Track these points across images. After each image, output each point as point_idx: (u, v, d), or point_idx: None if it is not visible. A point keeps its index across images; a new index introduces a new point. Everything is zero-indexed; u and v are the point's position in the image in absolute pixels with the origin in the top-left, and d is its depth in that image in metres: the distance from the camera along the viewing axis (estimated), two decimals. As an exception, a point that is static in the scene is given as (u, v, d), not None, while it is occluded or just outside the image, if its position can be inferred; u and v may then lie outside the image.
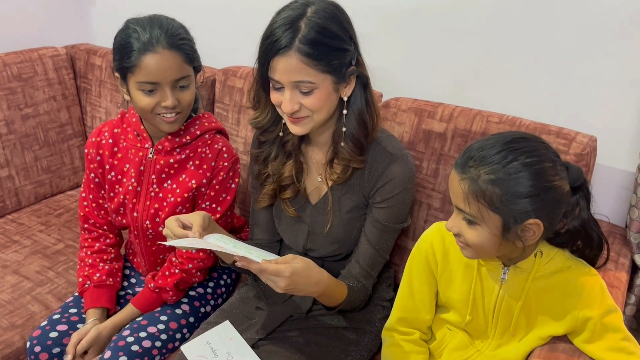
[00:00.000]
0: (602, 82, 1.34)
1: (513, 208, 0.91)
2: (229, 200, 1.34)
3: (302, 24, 1.04)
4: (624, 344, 0.98)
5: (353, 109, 1.14)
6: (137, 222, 1.34)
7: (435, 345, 1.17)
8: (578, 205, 0.97)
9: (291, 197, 1.25)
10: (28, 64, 1.86)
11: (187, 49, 1.21)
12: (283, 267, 1.00)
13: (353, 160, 1.16)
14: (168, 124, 1.23)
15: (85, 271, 1.37)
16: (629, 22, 1.26)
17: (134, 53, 1.16)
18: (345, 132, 1.15)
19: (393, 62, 1.60)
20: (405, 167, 1.18)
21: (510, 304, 1.05)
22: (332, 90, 1.09)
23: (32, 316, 1.41)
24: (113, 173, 1.35)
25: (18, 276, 1.54)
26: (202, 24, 1.29)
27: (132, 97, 1.22)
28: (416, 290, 1.16)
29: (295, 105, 1.09)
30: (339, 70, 1.08)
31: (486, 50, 1.45)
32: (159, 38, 1.16)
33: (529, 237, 0.94)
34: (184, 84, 1.22)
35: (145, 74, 1.17)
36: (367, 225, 1.22)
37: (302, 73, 1.05)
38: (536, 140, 0.95)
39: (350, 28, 1.11)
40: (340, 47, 1.07)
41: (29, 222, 1.80)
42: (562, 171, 0.93)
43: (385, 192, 1.18)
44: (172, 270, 1.34)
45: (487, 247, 0.96)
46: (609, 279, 1.16)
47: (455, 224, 0.97)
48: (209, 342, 1.21)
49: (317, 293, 1.10)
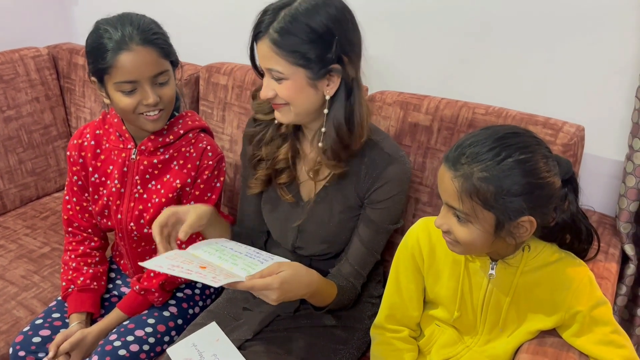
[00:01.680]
0: (588, 71, 1.32)
1: (507, 206, 0.89)
2: (214, 199, 1.32)
3: (283, 12, 1.02)
4: (613, 337, 0.97)
5: (334, 112, 1.11)
6: (122, 224, 1.32)
7: (424, 342, 1.16)
8: (567, 199, 0.95)
9: (286, 182, 1.22)
10: (9, 65, 1.83)
11: (161, 43, 1.19)
12: (270, 280, 0.98)
13: (333, 166, 1.14)
14: (152, 122, 1.21)
15: (69, 275, 1.35)
16: (613, 9, 1.24)
17: (108, 53, 1.13)
18: (325, 134, 1.12)
19: (377, 55, 1.57)
20: (402, 168, 1.17)
21: (498, 299, 1.03)
22: (307, 84, 1.06)
23: (17, 322, 1.39)
24: (96, 175, 1.33)
25: (3, 281, 1.52)
26: (184, 20, 1.27)
27: (112, 99, 1.20)
28: (403, 287, 1.14)
29: (270, 92, 1.08)
30: (313, 64, 1.04)
31: (471, 42, 1.43)
32: (132, 35, 1.14)
33: (521, 234, 0.93)
34: (163, 80, 1.19)
35: (123, 74, 1.14)
36: (361, 225, 1.21)
37: (272, 61, 1.04)
38: (528, 135, 0.93)
39: (338, 27, 1.04)
40: (317, 42, 1.03)
41: (14, 225, 1.78)
42: (554, 166, 0.91)
43: (382, 193, 1.16)
44: (157, 271, 1.31)
45: (479, 244, 0.94)
46: (599, 270, 1.15)
47: (445, 221, 0.95)
48: (195, 344, 1.19)
49: (310, 294, 1.09)
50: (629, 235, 1.27)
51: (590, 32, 1.28)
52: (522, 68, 1.39)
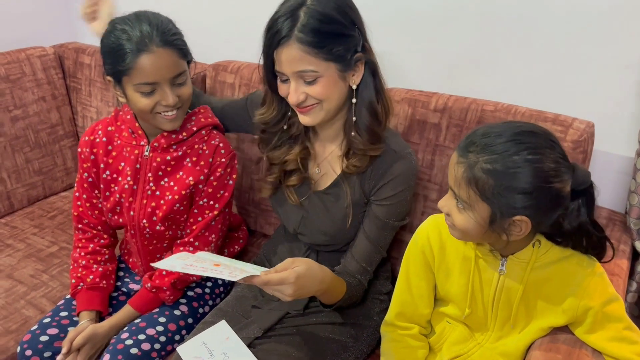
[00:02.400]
0: (598, 67, 1.31)
1: (503, 201, 0.89)
2: (227, 196, 1.32)
3: (302, 12, 1.03)
4: (626, 334, 0.97)
5: (363, 97, 1.13)
6: (134, 222, 1.32)
7: (435, 339, 1.16)
8: (578, 210, 0.94)
9: (296, 184, 1.24)
10: (16, 65, 1.83)
11: (180, 44, 1.19)
12: (286, 274, 0.98)
13: (369, 150, 1.15)
14: (170, 121, 1.21)
15: (79, 272, 1.35)
16: (623, 5, 1.23)
17: (128, 55, 1.13)
18: (356, 122, 1.14)
19: (385, 52, 1.57)
20: (409, 165, 1.17)
21: (509, 295, 1.03)
22: (338, 78, 1.08)
23: (26, 321, 1.39)
24: (108, 172, 1.33)
25: (12, 280, 1.52)
26: (190, 18, 1.27)
27: (129, 99, 1.19)
28: (414, 284, 1.14)
29: (301, 95, 1.08)
30: (343, 57, 1.06)
31: (480, 38, 1.43)
32: (151, 36, 1.13)
33: (514, 233, 0.93)
34: (181, 81, 1.19)
35: (143, 76, 1.14)
36: (366, 222, 1.21)
37: (304, 62, 1.04)
38: (546, 137, 0.91)
39: (353, 13, 1.09)
40: (342, 33, 1.06)
41: (22, 225, 1.78)
42: (565, 173, 0.90)
43: (388, 190, 1.17)
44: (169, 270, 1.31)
45: (473, 233, 0.95)
46: (610, 267, 1.14)
47: (447, 204, 0.97)
48: (205, 342, 1.19)
49: (323, 290, 1.09)
50: (639, 232, 1.26)
51: (599, 28, 1.27)
52: (531, 64, 1.38)
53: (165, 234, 1.33)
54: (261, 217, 1.67)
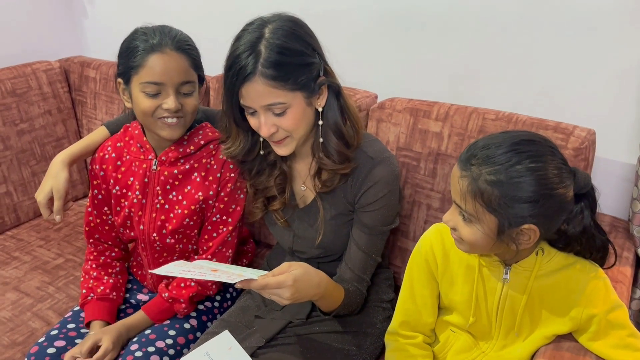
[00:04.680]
0: (598, 75, 1.33)
1: (510, 212, 0.89)
2: (239, 211, 1.33)
3: (262, 47, 1.03)
4: (630, 341, 0.97)
5: (328, 119, 1.14)
6: (144, 235, 1.33)
7: (439, 348, 1.16)
8: (582, 213, 0.95)
9: (279, 208, 1.26)
10: (22, 79, 1.86)
11: (194, 54, 1.21)
12: (284, 278, 0.99)
13: (338, 169, 1.16)
14: (169, 128, 1.21)
15: (90, 283, 1.36)
16: (621, 15, 1.25)
17: (140, 53, 1.15)
18: (323, 144, 1.14)
19: (387, 63, 1.59)
20: (388, 169, 1.17)
21: (513, 304, 1.04)
22: (306, 105, 1.09)
23: (33, 333, 1.40)
24: (118, 187, 1.34)
25: (18, 293, 1.53)
26: (195, 33, 1.29)
27: (133, 101, 1.20)
28: (417, 293, 1.15)
29: (272, 127, 1.09)
30: (307, 85, 1.07)
31: (480, 47, 1.45)
32: (167, 41, 1.16)
33: (523, 241, 0.93)
34: (188, 91, 1.20)
35: (151, 74, 1.15)
36: (355, 231, 1.22)
37: (271, 96, 1.05)
38: (545, 144, 0.92)
39: (312, 40, 1.09)
40: (305, 63, 1.06)
41: (28, 237, 1.80)
42: (567, 179, 0.91)
43: (370, 196, 1.17)
44: (188, 283, 1.33)
45: (481, 245, 0.96)
46: (613, 274, 1.14)
47: (452, 218, 0.97)
48: (208, 352, 1.19)
49: (319, 295, 1.09)
50: (642, 239, 1.26)
51: (599, 36, 1.29)
52: (531, 73, 1.40)
53: (175, 247, 1.34)
54: (264, 228, 1.68)
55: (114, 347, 1.25)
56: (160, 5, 1.98)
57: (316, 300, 1.12)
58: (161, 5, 1.98)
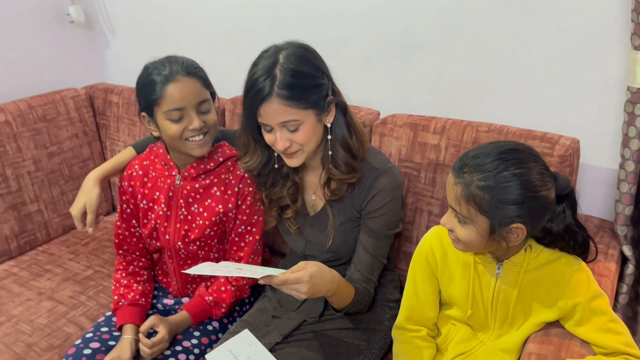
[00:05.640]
0: (581, 89, 1.43)
1: (500, 213, 1.00)
2: (261, 221, 1.46)
3: (277, 71, 1.16)
4: (610, 325, 1.07)
5: (336, 134, 1.27)
6: (170, 244, 1.45)
7: (442, 340, 1.26)
8: (564, 212, 1.07)
9: (292, 216, 1.38)
10: (51, 106, 2.01)
11: (203, 75, 1.34)
12: (301, 274, 1.11)
13: (346, 179, 1.28)
14: (198, 147, 1.34)
15: (120, 291, 1.48)
16: (602, 35, 1.36)
17: (158, 85, 1.28)
18: (332, 156, 1.27)
19: (388, 82, 1.71)
20: (390, 178, 1.29)
21: (506, 296, 1.14)
22: (316, 121, 1.22)
23: (68, 337, 1.52)
24: (145, 201, 1.47)
25: (53, 301, 1.65)
26: (209, 59, 1.42)
27: (161, 129, 1.33)
28: (420, 290, 1.26)
29: (286, 142, 1.21)
30: (318, 103, 1.20)
31: (472, 65, 1.56)
32: (178, 69, 1.29)
33: (512, 239, 1.04)
34: (205, 109, 1.33)
35: (171, 102, 1.28)
36: (362, 235, 1.33)
37: (286, 114, 1.18)
38: (528, 152, 1.04)
39: (321, 64, 1.23)
40: (315, 84, 1.20)
41: (58, 252, 1.92)
42: (549, 182, 1.03)
43: (376, 203, 1.29)
44: (228, 287, 1.45)
45: (475, 243, 1.06)
46: (600, 269, 1.25)
47: (449, 221, 1.08)
48: (231, 349, 1.30)
49: (333, 290, 1.20)
50: (626, 237, 1.37)
51: (583, 54, 1.40)
52: (520, 88, 1.51)
53: (198, 253, 1.47)
54: (278, 237, 1.79)
55: (168, 338, 1.36)
56: (175, 36, 2.12)
57: (330, 296, 1.23)
58: (176, 36, 2.12)
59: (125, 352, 1.35)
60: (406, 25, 1.62)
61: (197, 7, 2.03)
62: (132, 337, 1.39)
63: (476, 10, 1.50)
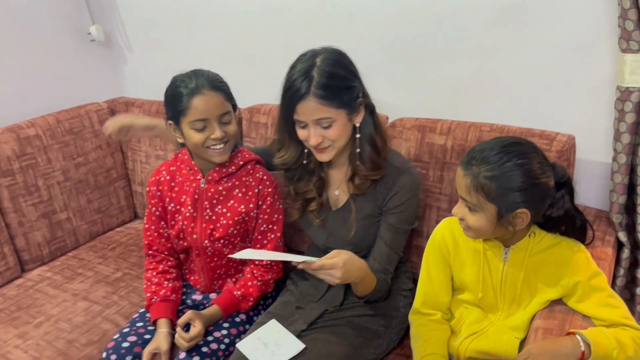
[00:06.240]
0: (576, 89, 1.54)
1: (506, 199, 1.12)
2: (281, 219, 1.58)
3: (315, 73, 1.28)
4: (609, 300, 1.17)
5: (364, 133, 1.38)
6: (197, 243, 1.56)
7: (455, 322, 1.36)
8: (563, 198, 1.18)
9: (316, 209, 1.49)
10: (77, 119, 2.13)
11: (226, 89, 1.46)
12: (336, 260, 1.23)
13: (370, 175, 1.40)
14: (219, 154, 1.46)
15: (152, 288, 1.58)
16: (593, 39, 1.48)
17: (184, 97, 1.41)
18: (360, 153, 1.39)
19: (395, 88, 1.83)
20: (411, 177, 1.41)
21: (514, 279, 1.24)
22: (347, 120, 1.34)
23: (105, 333, 1.63)
24: (172, 204, 1.58)
25: (88, 302, 1.76)
26: (226, 70, 1.54)
27: (185, 136, 1.45)
28: (434, 276, 1.36)
29: (319, 138, 1.33)
30: (350, 103, 1.32)
31: (474, 70, 1.68)
32: (203, 83, 1.41)
33: (518, 224, 1.15)
34: (227, 120, 1.45)
35: (196, 113, 1.41)
36: (382, 229, 1.45)
37: (321, 112, 1.29)
38: (528, 144, 1.16)
39: (353, 68, 1.35)
40: (348, 85, 1.32)
41: (87, 257, 2.03)
42: (548, 170, 1.14)
43: (396, 200, 1.41)
44: (255, 282, 1.56)
45: (485, 229, 1.17)
46: (597, 254, 1.36)
47: (460, 210, 1.19)
48: (260, 337, 1.41)
49: (361, 277, 1.32)
50: (621, 224, 1.48)
51: (576, 57, 1.51)
52: (519, 90, 1.62)
53: (223, 250, 1.58)
54: (296, 236, 1.89)
55: (203, 332, 1.46)
56: (190, 51, 2.24)
57: (357, 282, 1.34)
58: (190, 51, 2.24)
59: (163, 344, 1.46)
60: (410, 34, 1.74)
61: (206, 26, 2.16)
62: (167, 330, 1.49)
63: (478, 19, 1.61)
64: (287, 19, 1.95)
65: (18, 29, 2.10)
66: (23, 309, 1.74)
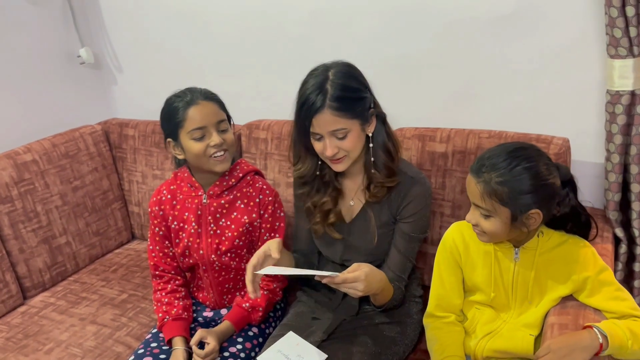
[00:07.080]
0: (568, 94, 1.62)
1: (518, 202, 1.16)
2: (283, 227, 1.61)
3: (329, 86, 1.32)
4: (617, 293, 1.23)
5: (378, 141, 1.43)
6: (204, 259, 1.58)
7: (468, 323, 1.40)
8: (568, 196, 1.24)
9: (334, 221, 1.50)
10: (72, 143, 2.12)
11: (219, 100, 1.52)
12: (358, 274, 1.25)
13: (386, 182, 1.43)
14: (220, 163, 1.49)
15: (163, 308, 1.58)
16: (584, 46, 1.56)
17: (181, 110, 1.45)
18: (374, 161, 1.43)
19: (394, 100, 1.84)
20: (423, 187, 1.46)
21: (524, 278, 1.29)
22: (361, 130, 1.38)
23: (119, 356, 1.62)
24: (175, 222, 1.59)
25: (96, 325, 1.75)
26: (223, 88, 1.58)
27: (185, 149, 1.48)
28: (446, 280, 1.40)
29: (335, 149, 1.36)
30: (362, 114, 1.36)
31: (469, 78, 1.74)
32: (198, 95, 1.47)
33: (532, 224, 1.20)
34: (224, 128, 1.49)
35: (193, 122, 1.45)
36: (396, 237, 1.48)
37: (336, 123, 1.33)
38: (532, 148, 1.22)
39: (364, 80, 1.40)
40: (360, 97, 1.36)
41: (89, 280, 2.01)
42: (554, 170, 1.20)
43: (411, 209, 1.45)
44: (261, 292, 1.57)
45: (500, 233, 1.22)
46: (598, 250, 1.38)
47: (474, 217, 1.24)
48: (280, 349, 1.43)
49: (381, 288, 1.35)
50: (617, 221, 1.56)
51: (568, 64, 1.59)
52: (515, 96, 1.69)
53: (230, 264, 1.59)
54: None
55: (218, 348, 1.47)
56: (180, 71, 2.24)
57: (377, 293, 1.37)
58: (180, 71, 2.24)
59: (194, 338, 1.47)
60: (406, 49, 1.79)
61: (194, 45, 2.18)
62: (183, 348, 1.50)
63: (471, 31, 1.68)
64: (282, 35, 1.99)
65: (7, 55, 2.09)
66: (30, 337, 1.72)
